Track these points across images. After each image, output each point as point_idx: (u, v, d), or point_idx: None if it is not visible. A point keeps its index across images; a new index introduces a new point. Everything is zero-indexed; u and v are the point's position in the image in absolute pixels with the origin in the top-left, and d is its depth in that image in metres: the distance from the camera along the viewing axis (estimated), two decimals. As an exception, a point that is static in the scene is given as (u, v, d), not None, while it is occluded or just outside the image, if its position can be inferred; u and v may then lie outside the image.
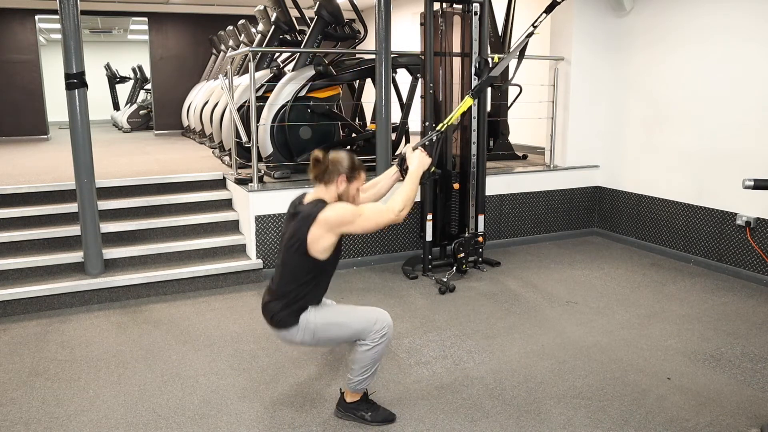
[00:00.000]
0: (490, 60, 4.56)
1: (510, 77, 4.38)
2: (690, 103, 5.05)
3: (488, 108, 5.19)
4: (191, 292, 4.48)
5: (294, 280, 2.59)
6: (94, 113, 6.17)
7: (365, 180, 2.71)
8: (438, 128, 3.34)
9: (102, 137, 10.38)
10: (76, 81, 4.09)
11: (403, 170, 2.84)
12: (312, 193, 2.64)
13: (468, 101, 3.55)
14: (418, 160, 2.79)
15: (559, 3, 3.74)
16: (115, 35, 17.02)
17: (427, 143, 3.06)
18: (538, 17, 3.84)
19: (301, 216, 2.54)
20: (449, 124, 3.43)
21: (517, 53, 4.01)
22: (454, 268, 4.71)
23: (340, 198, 2.62)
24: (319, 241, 2.51)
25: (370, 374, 2.69)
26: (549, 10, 3.79)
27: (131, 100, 13.95)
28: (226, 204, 5.20)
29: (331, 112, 5.43)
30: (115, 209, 4.83)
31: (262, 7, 7.17)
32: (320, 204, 2.54)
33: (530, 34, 3.79)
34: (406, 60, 5.59)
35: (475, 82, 4.61)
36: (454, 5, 4.74)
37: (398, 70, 5.71)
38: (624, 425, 2.69)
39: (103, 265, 4.38)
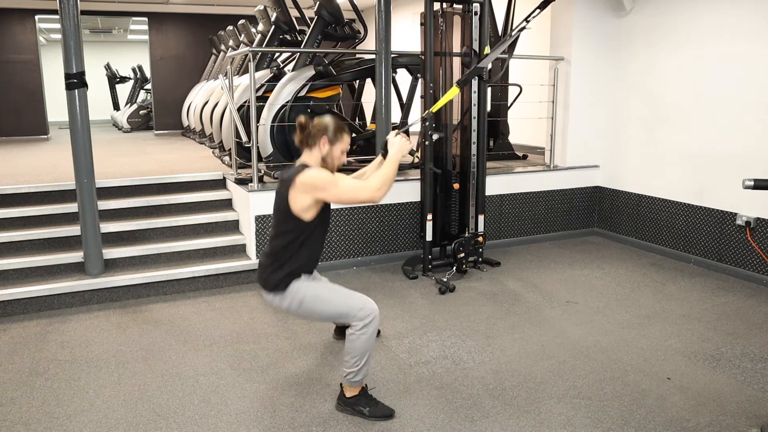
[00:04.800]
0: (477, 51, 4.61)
1: (501, 73, 4.41)
2: (690, 103, 5.05)
3: (488, 108, 5.19)
4: (191, 292, 4.48)
5: (283, 239, 2.71)
6: (94, 113, 6.17)
7: (349, 143, 2.80)
8: (423, 114, 3.41)
9: (102, 137, 10.37)
10: (76, 81, 4.09)
11: (386, 155, 2.89)
12: (300, 158, 2.76)
13: (454, 90, 3.60)
14: (398, 145, 2.85)
15: (553, 0, 3.76)
16: (115, 35, 17.02)
17: (409, 129, 3.15)
18: (532, 12, 3.85)
19: (286, 179, 2.68)
20: (434, 111, 3.50)
21: (507, 46, 4.05)
22: (454, 268, 4.71)
23: (324, 160, 2.73)
24: (298, 202, 2.63)
25: (361, 365, 2.74)
26: (543, 6, 3.80)
27: (131, 100, 13.95)
28: (226, 204, 5.20)
29: (331, 112, 5.43)
30: (115, 209, 4.83)
31: (262, 7, 7.17)
32: (301, 168, 2.67)
33: (522, 29, 3.83)
34: (406, 60, 5.59)
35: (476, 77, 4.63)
36: (454, 5, 4.74)
37: (398, 70, 5.71)
38: (624, 425, 2.69)
39: (103, 265, 4.38)
